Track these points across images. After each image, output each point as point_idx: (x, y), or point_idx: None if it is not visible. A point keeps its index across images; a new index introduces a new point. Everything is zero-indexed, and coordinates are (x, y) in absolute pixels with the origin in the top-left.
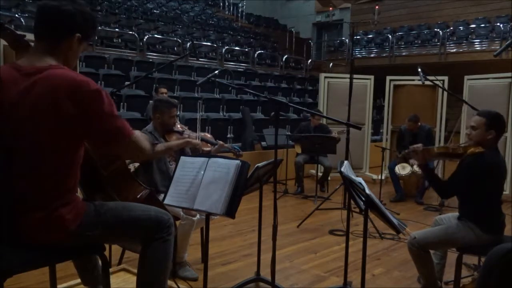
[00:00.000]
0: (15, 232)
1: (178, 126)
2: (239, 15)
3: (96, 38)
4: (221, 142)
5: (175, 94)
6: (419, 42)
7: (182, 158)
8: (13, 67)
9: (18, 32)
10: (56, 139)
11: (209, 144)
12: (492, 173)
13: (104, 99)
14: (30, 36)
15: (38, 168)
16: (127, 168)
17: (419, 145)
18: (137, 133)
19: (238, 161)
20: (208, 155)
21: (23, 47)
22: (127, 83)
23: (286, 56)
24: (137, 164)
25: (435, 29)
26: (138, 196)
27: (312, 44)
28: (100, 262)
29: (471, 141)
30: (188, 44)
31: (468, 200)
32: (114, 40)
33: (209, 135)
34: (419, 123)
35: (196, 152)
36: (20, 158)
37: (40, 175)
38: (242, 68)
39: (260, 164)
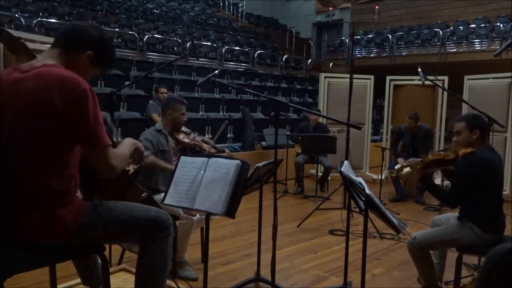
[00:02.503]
0: (15, 232)
1: (187, 131)
2: (239, 15)
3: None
4: (228, 152)
5: (175, 94)
6: (419, 42)
7: (182, 158)
8: (14, 68)
9: (15, 35)
10: (50, 138)
11: (210, 147)
12: (487, 169)
13: (89, 101)
14: (30, 36)
15: (36, 169)
16: (125, 170)
17: (410, 159)
18: (127, 141)
19: (238, 161)
20: (208, 155)
21: (20, 49)
22: (127, 83)
23: (286, 56)
24: (136, 166)
25: (435, 29)
26: (136, 199)
27: (312, 44)
28: (100, 262)
29: (457, 146)
30: (188, 44)
31: (467, 200)
32: (114, 40)
33: (207, 138)
34: (419, 123)
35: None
36: (19, 158)
37: (38, 175)
38: (242, 68)
39: (260, 164)
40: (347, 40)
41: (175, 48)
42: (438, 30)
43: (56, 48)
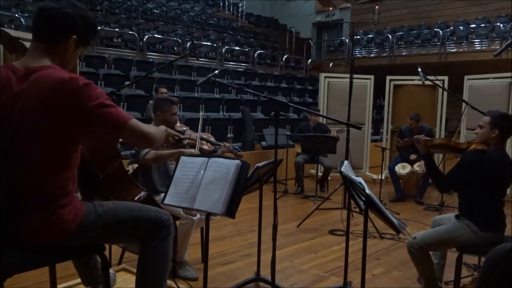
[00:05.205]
0: (15, 232)
1: (178, 125)
2: (239, 15)
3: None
4: (227, 144)
5: (175, 94)
6: (419, 42)
7: (182, 158)
8: (9, 68)
9: (13, 35)
10: (51, 140)
11: (209, 144)
12: (492, 171)
13: (92, 92)
14: (30, 36)
15: (35, 170)
16: (125, 170)
17: (421, 135)
18: (161, 127)
19: (238, 161)
20: (208, 154)
21: (19, 50)
22: (127, 83)
23: (286, 56)
24: (135, 166)
25: (435, 29)
26: (136, 198)
27: (312, 44)
28: (100, 262)
29: (477, 139)
30: (188, 44)
31: (467, 197)
32: (114, 40)
33: (206, 135)
34: (420, 123)
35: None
36: (18, 159)
37: (38, 176)
38: (242, 68)
39: (260, 164)
40: (347, 40)
41: (175, 48)
42: (438, 30)
43: (42, 42)
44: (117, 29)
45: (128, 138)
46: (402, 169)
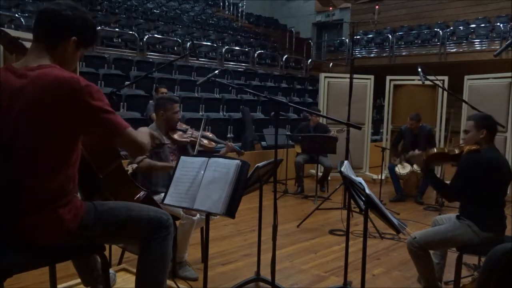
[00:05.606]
0: (15, 232)
1: (179, 124)
2: (239, 15)
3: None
4: (230, 144)
5: (175, 94)
6: (419, 42)
7: (182, 158)
8: (8, 69)
9: (13, 35)
10: (50, 139)
11: (212, 141)
12: (489, 169)
13: (94, 95)
14: (30, 36)
15: (35, 169)
16: (124, 170)
17: (415, 151)
18: (143, 129)
19: (238, 161)
20: (208, 154)
21: (19, 50)
22: (127, 83)
23: (286, 56)
24: (135, 166)
25: (435, 29)
26: (135, 198)
27: (312, 44)
28: (100, 262)
29: (467, 144)
30: (188, 44)
31: (467, 197)
32: (114, 40)
33: (211, 135)
34: (420, 123)
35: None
36: (18, 159)
37: (37, 175)
38: (242, 68)
39: (260, 164)
40: (347, 40)
41: (175, 48)
42: (438, 30)
43: (41, 42)
44: (117, 29)
45: (123, 145)
46: (402, 169)
